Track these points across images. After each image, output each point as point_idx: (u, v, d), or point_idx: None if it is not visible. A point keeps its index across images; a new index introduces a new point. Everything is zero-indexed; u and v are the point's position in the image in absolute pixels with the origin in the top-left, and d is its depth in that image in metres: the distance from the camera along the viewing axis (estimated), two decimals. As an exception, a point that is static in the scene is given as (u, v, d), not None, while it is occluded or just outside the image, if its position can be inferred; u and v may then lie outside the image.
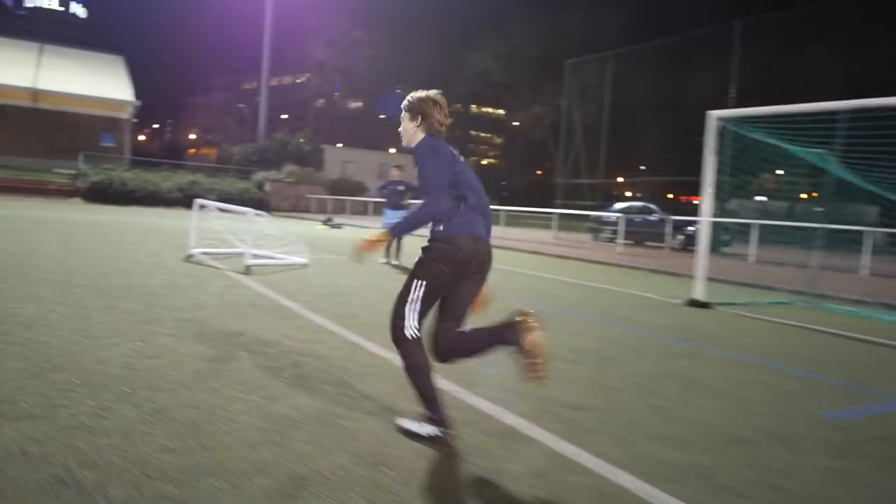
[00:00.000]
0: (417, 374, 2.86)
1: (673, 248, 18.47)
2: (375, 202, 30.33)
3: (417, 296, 2.84)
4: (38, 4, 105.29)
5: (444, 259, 2.82)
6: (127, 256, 9.01)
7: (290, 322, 5.41)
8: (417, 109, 3.01)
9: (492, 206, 3.15)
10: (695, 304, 8.22)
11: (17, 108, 35.90)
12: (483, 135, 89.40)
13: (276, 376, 3.76)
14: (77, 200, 27.82)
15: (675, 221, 18.35)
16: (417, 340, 2.86)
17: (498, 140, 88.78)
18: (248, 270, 8.39)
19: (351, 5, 47.91)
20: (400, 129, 3.09)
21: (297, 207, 33.97)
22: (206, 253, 9.90)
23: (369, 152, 45.45)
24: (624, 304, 8.18)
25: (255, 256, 9.03)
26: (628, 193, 42.69)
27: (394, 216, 11.16)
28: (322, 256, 11.52)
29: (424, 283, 2.84)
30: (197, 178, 31.76)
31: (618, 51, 25.13)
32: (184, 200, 29.74)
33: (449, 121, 3.08)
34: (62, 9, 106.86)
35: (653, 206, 20.64)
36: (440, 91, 3.10)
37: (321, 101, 69.52)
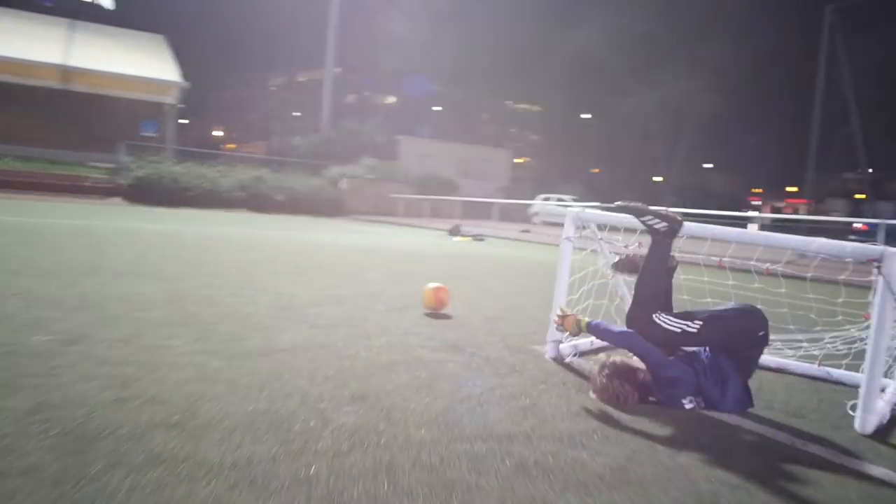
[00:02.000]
0: None
1: None
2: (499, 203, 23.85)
3: None
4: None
5: None
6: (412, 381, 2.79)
7: None
8: None
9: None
10: None
11: (46, 91, 30.09)
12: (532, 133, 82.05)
13: None
14: (118, 201, 21.88)
15: None
16: None
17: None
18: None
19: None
20: None
21: (379, 209, 27.74)
22: (581, 354, 3.70)
23: (448, 145, 39.10)
24: None
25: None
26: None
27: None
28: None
29: None
30: (262, 174, 25.71)
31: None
32: (248, 201, 23.83)
33: None
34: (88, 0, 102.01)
35: None
36: None
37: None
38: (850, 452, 2.51)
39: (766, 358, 3.68)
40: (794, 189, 48.86)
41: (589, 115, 51.99)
